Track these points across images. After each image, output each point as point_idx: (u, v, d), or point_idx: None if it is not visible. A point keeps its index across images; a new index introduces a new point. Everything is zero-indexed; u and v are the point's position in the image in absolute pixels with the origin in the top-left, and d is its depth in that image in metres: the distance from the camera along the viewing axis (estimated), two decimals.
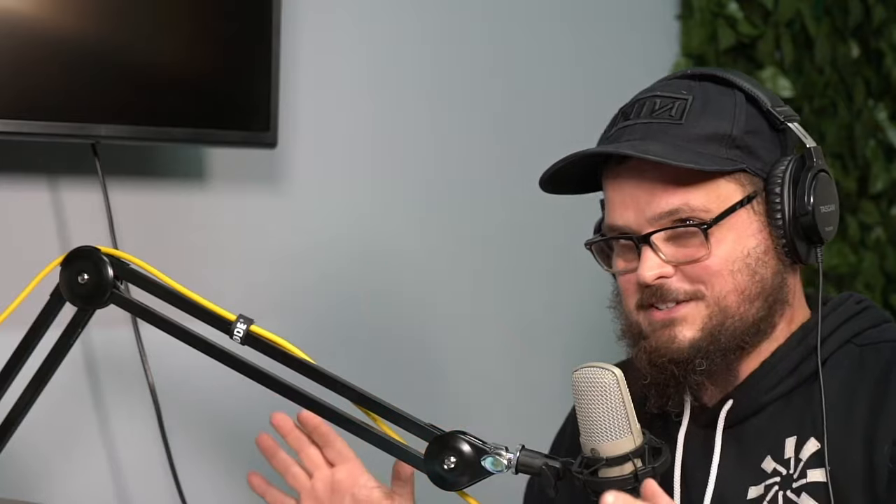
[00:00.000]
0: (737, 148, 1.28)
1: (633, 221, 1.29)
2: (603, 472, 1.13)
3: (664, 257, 1.27)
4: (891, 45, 2.77)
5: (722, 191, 1.28)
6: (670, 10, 2.46)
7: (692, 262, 1.27)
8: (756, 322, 1.29)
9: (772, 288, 1.29)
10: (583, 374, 1.14)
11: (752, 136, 1.30)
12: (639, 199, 1.28)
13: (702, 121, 1.29)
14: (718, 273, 1.27)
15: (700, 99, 1.30)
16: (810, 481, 1.26)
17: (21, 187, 1.62)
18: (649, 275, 1.27)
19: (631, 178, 1.29)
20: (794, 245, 1.28)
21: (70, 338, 1.24)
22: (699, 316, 1.28)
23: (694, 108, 1.29)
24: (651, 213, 1.27)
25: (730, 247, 1.27)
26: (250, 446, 1.86)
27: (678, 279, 1.28)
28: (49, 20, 1.48)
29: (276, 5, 1.67)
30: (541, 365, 2.19)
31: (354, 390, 1.19)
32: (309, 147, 1.90)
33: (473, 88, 2.12)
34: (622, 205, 1.30)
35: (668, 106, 1.30)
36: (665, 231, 1.27)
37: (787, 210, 1.27)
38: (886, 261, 2.77)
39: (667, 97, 1.31)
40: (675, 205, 1.27)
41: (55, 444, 1.63)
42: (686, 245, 1.28)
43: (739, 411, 1.31)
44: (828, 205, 1.30)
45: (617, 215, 1.31)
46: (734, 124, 1.29)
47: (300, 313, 1.87)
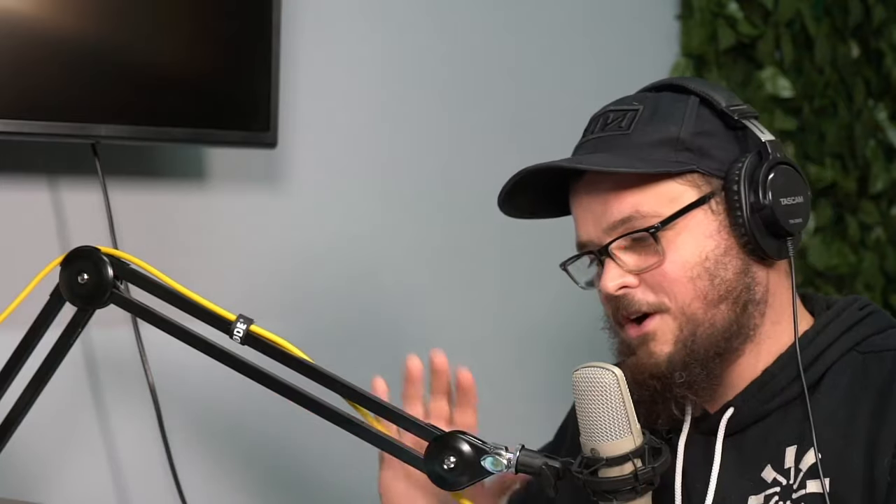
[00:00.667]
0: (687, 150, 1.28)
1: (593, 235, 1.31)
2: (603, 472, 1.13)
3: (624, 266, 1.28)
4: (891, 45, 2.77)
5: (674, 194, 1.27)
6: (670, 10, 2.46)
7: (649, 269, 1.27)
8: (727, 326, 1.27)
9: (737, 289, 1.27)
10: (583, 374, 1.14)
11: (704, 136, 1.29)
12: (595, 211, 1.30)
13: (649, 128, 1.29)
14: (677, 281, 1.26)
15: (650, 108, 1.31)
16: (809, 492, 1.25)
17: (21, 187, 1.62)
18: (611, 285, 1.28)
19: (587, 193, 1.31)
20: (758, 241, 1.26)
21: (70, 338, 1.24)
22: (668, 329, 1.27)
23: (642, 118, 1.30)
24: (606, 224, 1.28)
25: (687, 251, 1.26)
26: (250, 446, 1.86)
27: (642, 290, 1.28)
28: (49, 20, 1.48)
29: (276, 5, 1.67)
30: (542, 364, 2.19)
31: (354, 390, 1.19)
32: (309, 147, 1.90)
33: (473, 88, 2.12)
34: (583, 220, 1.32)
35: (619, 118, 1.31)
36: (620, 240, 1.28)
37: (744, 205, 1.26)
38: (886, 261, 2.77)
39: (618, 110, 1.32)
40: (626, 212, 1.27)
41: (55, 444, 1.63)
42: (643, 253, 1.28)
43: (741, 419, 1.30)
44: (791, 196, 1.27)
45: (581, 231, 1.33)
46: (682, 127, 1.28)
47: (300, 313, 1.87)
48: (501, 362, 2.16)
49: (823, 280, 2.64)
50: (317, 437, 1.59)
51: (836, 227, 2.69)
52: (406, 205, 2.04)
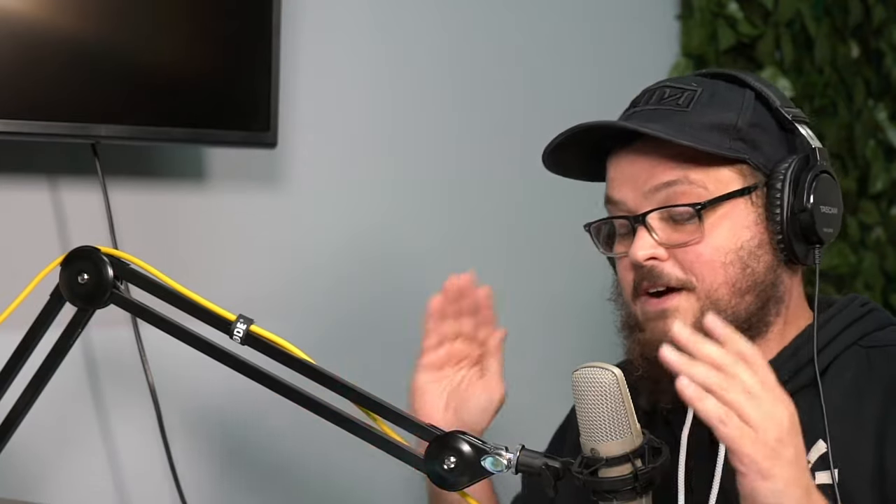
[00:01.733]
0: (741, 140, 1.29)
1: (630, 199, 1.30)
2: (603, 472, 1.13)
3: (658, 238, 1.28)
4: (891, 45, 2.77)
5: (722, 176, 1.29)
6: (670, 10, 2.46)
7: (685, 245, 1.27)
8: (748, 317, 1.28)
9: (764, 283, 1.29)
10: (583, 374, 1.14)
11: (758, 130, 1.30)
12: (637, 176, 1.30)
13: (708, 110, 1.30)
14: (710, 263, 1.27)
15: (708, 92, 1.32)
16: (818, 483, 1.24)
17: (21, 187, 1.62)
18: (641, 254, 1.28)
19: (632, 160, 1.31)
20: (791, 243, 1.28)
21: (70, 338, 1.24)
22: (690, 309, 1.28)
23: (701, 99, 1.31)
24: (648, 187, 1.29)
25: (724, 236, 1.28)
26: (250, 446, 1.86)
27: (670, 265, 1.28)
28: (49, 20, 1.48)
29: (276, 5, 1.67)
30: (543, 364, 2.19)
31: (354, 390, 1.18)
32: (309, 147, 1.90)
33: (473, 87, 2.12)
34: (620, 181, 1.32)
35: (677, 95, 1.32)
36: (661, 210, 1.28)
37: (786, 206, 1.27)
38: (886, 261, 2.77)
39: (676, 87, 1.33)
40: (673, 176, 1.28)
41: (55, 445, 1.63)
42: (681, 229, 1.28)
43: None
44: (829, 206, 1.29)
45: (615, 190, 1.32)
46: (740, 116, 1.30)
47: (300, 313, 1.87)
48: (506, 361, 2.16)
49: (823, 280, 2.63)
50: (317, 437, 1.59)
51: None
52: (406, 204, 2.04)
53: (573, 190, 1.46)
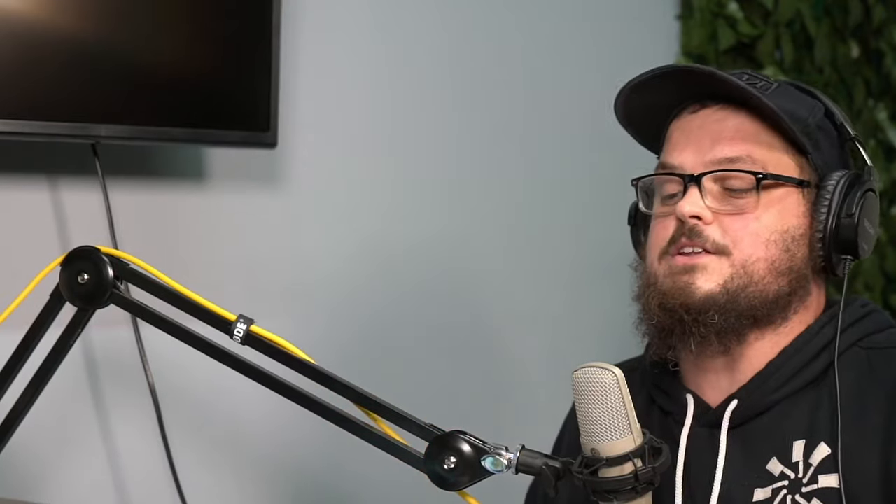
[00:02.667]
0: (807, 136, 1.31)
1: (688, 162, 1.31)
2: (603, 472, 1.12)
3: (708, 202, 1.29)
4: (891, 45, 2.77)
5: (782, 162, 1.30)
6: (670, 10, 2.46)
7: (735, 213, 1.28)
8: (775, 299, 1.29)
9: (799, 272, 1.30)
10: (583, 374, 1.14)
11: (823, 134, 1.33)
12: (702, 143, 1.31)
13: (783, 100, 1.31)
14: (754, 235, 1.28)
15: (784, 87, 1.34)
16: (822, 487, 1.25)
17: (21, 187, 1.62)
18: (688, 209, 1.28)
19: (701, 124, 1.32)
20: (829, 247, 1.30)
21: (70, 338, 1.24)
22: (721, 272, 1.28)
23: (779, 90, 1.33)
24: (711, 157, 1.30)
25: (773, 216, 1.29)
26: (250, 446, 1.86)
27: (713, 227, 1.29)
28: (49, 20, 1.48)
29: (276, 5, 1.67)
30: (544, 365, 2.19)
31: (354, 390, 1.18)
32: (309, 147, 1.90)
33: (473, 87, 2.12)
34: (683, 144, 1.32)
35: (755, 81, 1.33)
36: (718, 174, 1.29)
37: (833, 210, 1.30)
38: (886, 261, 2.77)
39: (754, 76, 1.34)
40: (738, 152, 1.29)
41: (55, 445, 1.63)
42: (735, 198, 1.29)
43: (744, 411, 1.31)
44: (870, 224, 1.32)
45: (675, 155, 1.33)
46: (810, 115, 1.33)
47: (300, 313, 1.87)
48: (502, 361, 2.16)
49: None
50: (316, 437, 1.60)
51: None
52: (406, 204, 2.04)
53: (573, 190, 1.46)
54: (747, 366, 1.32)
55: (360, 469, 1.87)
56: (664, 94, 1.35)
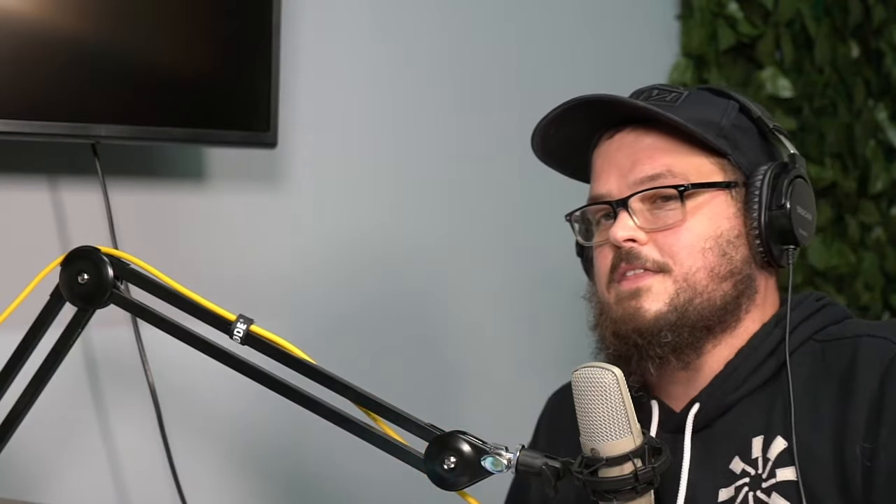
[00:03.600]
0: (724, 138, 1.32)
1: (614, 188, 1.33)
2: (603, 472, 1.12)
3: (638, 222, 1.30)
4: (891, 45, 2.77)
5: (703, 169, 1.32)
6: (670, 10, 2.46)
7: (666, 228, 1.29)
8: (723, 304, 1.30)
9: (741, 273, 1.31)
10: (583, 373, 1.14)
11: (740, 132, 1.34)
12: (622, 165, 1.33)
13: (694, 108, 1.33)
14: (689, 247, 1.29)
15: (694, 95, 1.36)
16: (780, 480, 1.27)
17: (21, 187, 1.62)
18: (621, 234, 1.30)
19: (618, 148, 1.34)
20: (767, 241, 1.30)
21: (70, 338, 1.24)
22: (665, 291, 1.29)
23: (688, 99, 1.35)
24: (633, 178, 1.32)
25: (704, 223, 1.30)
26: (250, 446, 1.86)
27: (649, 248, 1.30)
28: (49, 20, 1.48)
29: (276, 4, 1.66)
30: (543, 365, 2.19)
31: (354, 390, 1.18)
32: (309, 147, 1.90)
33: (473, 88, 2.12)
34: (606, 173, 1.34)
35: (665, 94, 1.35)
36: (643, 193, 1.30)
37: (764, 204, 1.30)
38: (886, 261, 2.77)
39: (664, 89, 1.37)
40: (657, 170, 1.31)
41: (55, 444, 1.63)
42: (662, 215, 1.31)
43: (707, 413, 1.32)
44: (804, 210, 1.32)
45: (601, 184, 1.35)
46: (724, 117, 1.34)
47: (300, 313, 1.87)
48: (502, 361, 2.16)
49: (823, 280, 2.64)
50: (316, 436, 1.60)
51: (836, 227, 2.69)
52: (405, 204, 2.04)
53: (573, 191, 1.46)
54: (707, 370, 1.33)
55: (361, 469, 1.87)
56: (579, 125, 1.37)
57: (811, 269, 2.60)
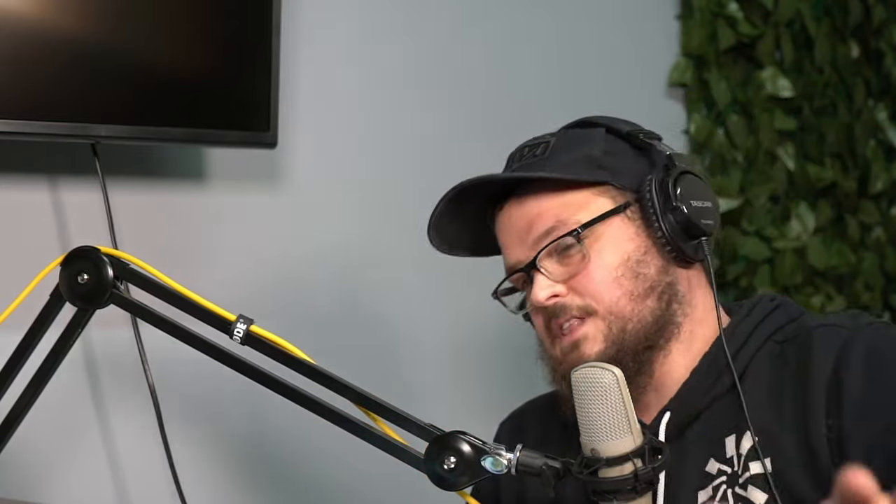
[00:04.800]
0: (601, 168, 1.36)
1: (520, 255, 1.37)
2: (603, 472, 1.13)
3: (552, 276, 1.33)
4: (891, 45, 2.77)
5: (592, 206, 1.34)
6: (670, 10, 2.46)
7: (577, 274, 1.33)
8: (654, 320, 1.32)
9: (661, 284, 1.33)
10: (583, 373, 1.14)
11: (614, 156, 1.37)
12: (519, 231, 1.37)
13: (564, 153, 1.37)
14: (603, 282, 1.32)
15: (562, 138, 1.40)
16: (753, 473, 1.29)
17: (21, 187, 1.62)
18: (542, 294, 1.34)
19: (509, 217, 1.39)
20: (675, 241, 1.32)
21: (70, 338, 1.24)
22: (598, 330, 1.32)
23: (557, 145, 1.38)
24: (531, 240, 1.35)
25: (609, 254, 1.33)
26: (250, 446, 1.86)
27: (571, 297, 1.33)
28: (49, 20, 1.48)
29: (276, 5, 1.66)
30: None
31: (354, 390, 1.18)
32: (309, 147, 1.90)
33: (472, 88, 2.12)
34: (509, 243, 1.39)
35: (534, 149, 1.40)
36: (546, 250, 1.33)
37: (659, 209, 1.32)
38: (886, 261, 2.77)
39: (532, 144, 1.41)
40: (549, 224, 1.34)
41: (55, 444, 1.63)
42: (569, 262, 1.33)
43: (678, 422, 1.33)
44: (700, 200, 1.34)
45: (509, 255, 1.39)
46: (594, 147, 1.37)
47: (300, 313, 1.87)
48: (503, 361, 2.16)
49: (823, 280, 2.64)
50: (316, 436, 1.59)
51: (836, 227, 2.69)
52: (406, 204, 2.04)
53: None
54: (669, 379, 1.35)
55: (360, 469, 1.87)
56: (467, 210, 1.42)
57: (811, 269, 2.60)
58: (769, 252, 2.53)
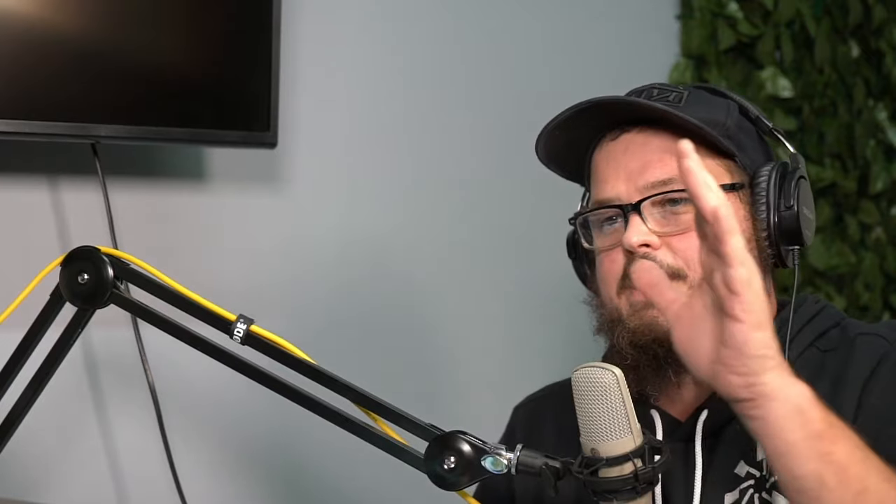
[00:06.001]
0: (730, 139, 1.31)
1: (623, 192, 1.30)
2: (603, 471, 1.12)
3: (651, 227, 1.28)
4: (891, 45, 2.77)
5: (713, 170, 1.28)
6: (670, 10, 2.46)
7: (679, 233, 1.27)
8: None
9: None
10: (583, 373, 1.14)
11: (743, 133, 1.33)
12: (630, 169, 1.30)
13: (698, 108, 1.31)
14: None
15: (695, 95, 1.34)
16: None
17: (21, 187, 1.62)
18: (635, 240, 1.27)
19: (624, 151, 1.32)
20: (776, 242, 1.30)
21: (70, 338, 1.24)
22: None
23: (690, 99, 1.33)
24: (643, 182, 1.29)
25: None
26: (250, 446, 1.86)
27: (662, 252, 1.28)
28: (49, 20, 1.48)
29: (276, 5, 1.67)
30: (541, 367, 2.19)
31: (354, 390, 1.18)
32: (309, 147, 1.90)
33: (472, 88, 2.12)
34: (613, 176, 1.31)
35: (666, 94, 1.33)
36: (656, 197, 1.28)
37: (772, 205, 1.29)
38: (886, 261, 2.77)
39: (664, 88, 1.34)
40: (669, 174, 1.28)
41: (55, 444, 1.63)
42: (675, 219, 1.29)
43: (716, 420, 1.31)
44: (809, 210, 1.32)
45: (608, 188, 1.32)
46: (728, 117, 1.32)
47: (300, 313, 1.87)
48: (504, 362, 2.16)
49: (823, 280, 2.64)
50: (317, 437, 1.60)
51: (836, 227, 2.69)
52: (405, 204, 2.04)
53: (571, 193, 1.46)
54: None
55: (360, 469, 1.87)
56: (584, 127, 1.35)
57: (811, 269, 2.60)
58: None
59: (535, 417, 1.50)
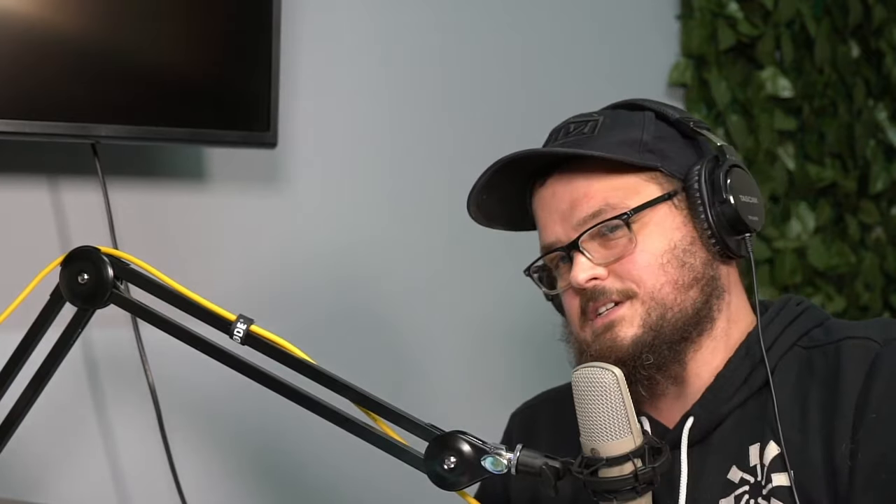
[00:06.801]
0: (650, 152, 1.33)
1: (561, 234, 1.34)
2: (603, 472, 1.13)
3: (594, 259, 1.31)
4: (891, 45, 2.77)
5: (641, 189, 1.32)
6: (670, 10, 2.46)
7: (621, 258, 1.30)
8: (695, 312, 1.31)
9: (704, 277, 1.31)
10: (583, 373, 1.14)
11: (664, 141, 1.35)
12: (561, 210, 1.34)
13: (613, 132, 1.34)
14: (647, 267, 1.30)
15: (610, 118, 1.37)
16: (775, 485, 1.27)
17: (21, 187, 1.62)
18: (582, 276, 1.31)
19: (552, 194, 1.35)
20: (721, 236, 1.31)
21: (70, 338, 1.24)
22: (636, 314, 1.30)
23: (605, 125, 1.35)
24: (575, 220, 1.33)
25: (655, 240, 1.31)
26: (250, 446, 1.86)
27: (611, 280, 1.31)
28: (49, 20, 1.48)
29: (276, 5, 1.67)
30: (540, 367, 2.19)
31: (354, 390, 1.18)
32: (309, 147, 1.90)
33: (472, 88, 2.12)
34: (549, 221, 1.36)
35: (581, 126, 1.36)
36: (590, 231, 1.31)
37: (707, 201, 1.30)
38: (886, 261, 2.77)
39: (579, 121, 1.38)
40: (596, 206, 1.32)
41: (55, 444, 1.63)
42: (614, 245, 1.31)
43: (701, 426, 1.32)
44: (748, 196, 1.33)
45: (548, 233, 1.36)
46: (644, 132, 1.34)
47: (300, 313, 1.87)
48: (501, 363, 2.16)
49: (823, 280, 2.64)
50: (316, 436, 1.59)
51: (836, 227, 2.69)
52: (406, 204, 2.04)
53: None
54: (696, 380, 1.34)
55: (360, 469, 1.87)
56: (508, 183, 1.38)
57: (811, 269, 2.60)
58: (769, 252, 2.53)
59: (531, 423, 1.52)
